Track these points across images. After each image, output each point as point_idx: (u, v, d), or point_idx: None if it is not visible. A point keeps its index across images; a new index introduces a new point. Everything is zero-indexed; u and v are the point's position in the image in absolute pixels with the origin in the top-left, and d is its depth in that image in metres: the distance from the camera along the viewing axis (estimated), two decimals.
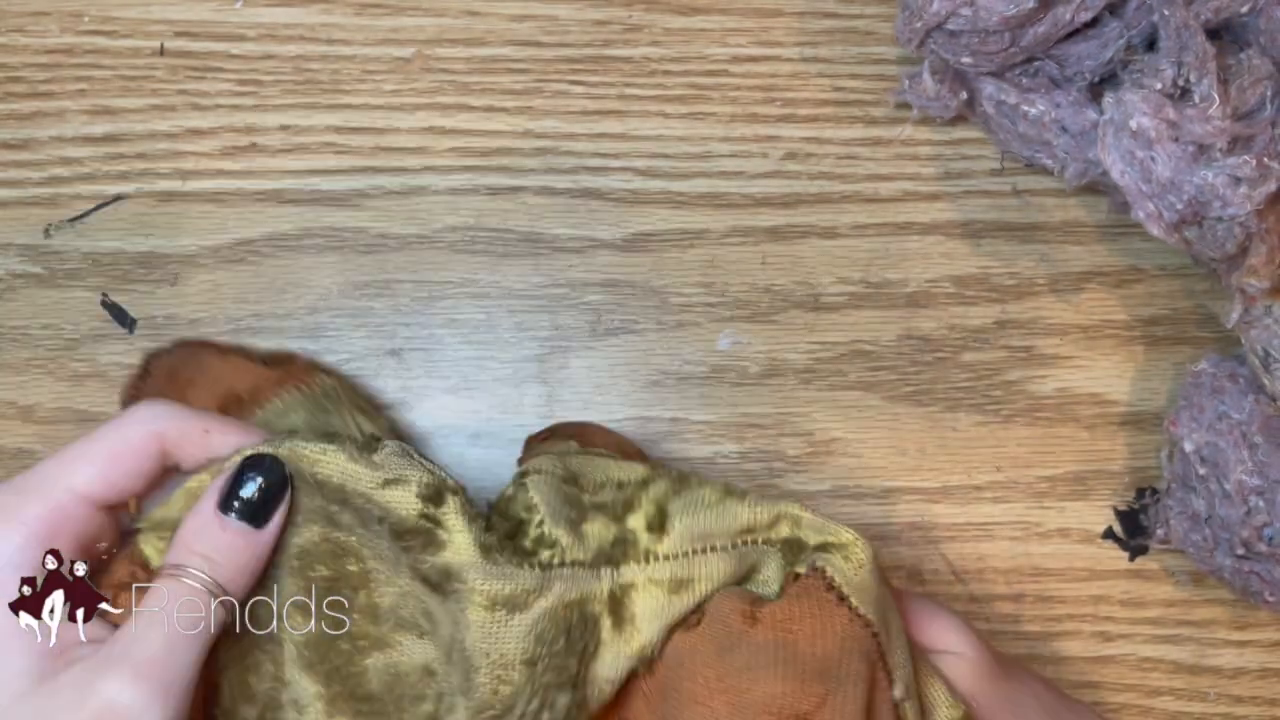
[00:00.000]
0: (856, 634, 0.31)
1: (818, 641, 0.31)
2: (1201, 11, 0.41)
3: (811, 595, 0.31)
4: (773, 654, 0.31)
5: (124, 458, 0.31)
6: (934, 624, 0.36)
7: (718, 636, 0.32)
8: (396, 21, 0.47)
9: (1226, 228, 0.40)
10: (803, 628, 0.31)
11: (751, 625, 0.31)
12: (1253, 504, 0.41)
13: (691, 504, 0.34)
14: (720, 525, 0.33)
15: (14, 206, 0.46)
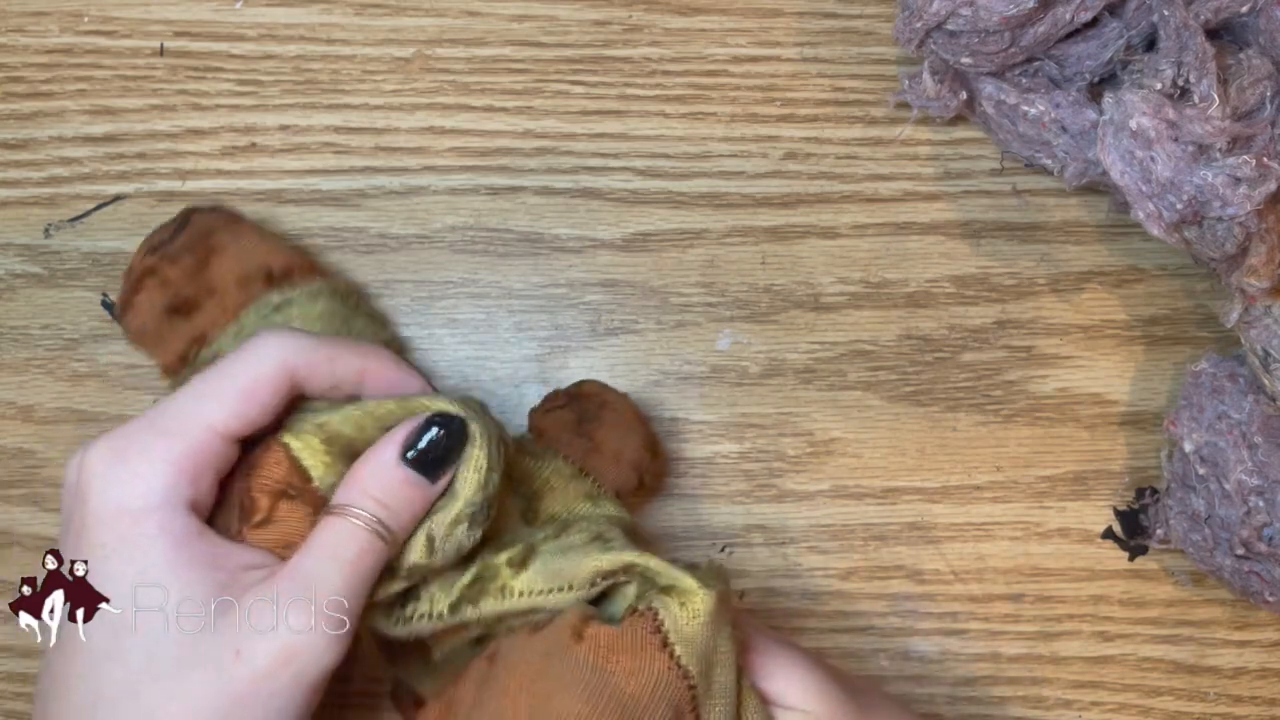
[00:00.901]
0: (671, 682, 0.31)
1: (631, 679, 0.31)
2: (1201, 11, 0.41)
3: (637, 633, 0.31)
4: (586, 676, 0.31)
5: (257, 393, 0.32)
6: (781, 677, 0.34)
7: (547, 641, 0.32)
8: (396, 21, 0.47)
9: (1226, 228, 0.40)
10: (621, 661, 0.31)
11: (577, 642, 0.31)
12: (1252, 504, 0.41)
13: (561, 546, 0.34)
14: (575, 569, 0.33)
15: (14, 206, 0.46)
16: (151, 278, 0.39)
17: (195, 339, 0.39)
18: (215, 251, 0.40)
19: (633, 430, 0.41)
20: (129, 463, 0.30)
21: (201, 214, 0.41)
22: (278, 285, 0.40)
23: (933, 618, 0.45)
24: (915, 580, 0.45)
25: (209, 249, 0.40)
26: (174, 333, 0.39)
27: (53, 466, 0.45)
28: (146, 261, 0.40)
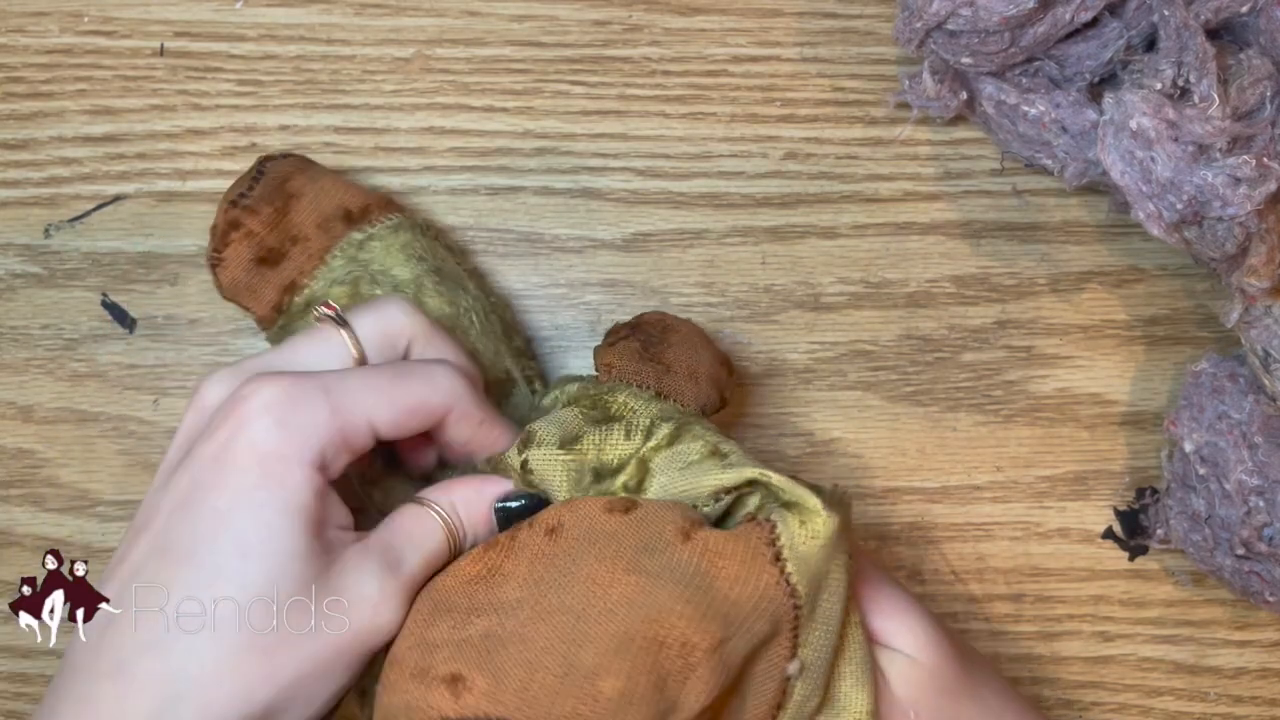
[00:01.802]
0: (776, 597, 0.30)
1: (736, 586, 0.30)
2: (1201, 11, 0.41)
3: (750, 541, 0.31)
4: (689, 576, 0.30)
5: (418, 416, 0.33)
6: (895, 619, 0.34)
7: (645, 536, 0.31)
8: (396, 21, 0.47)
9: (1226, 228, 0.40)
10: (728, 566, 0.30)
11: (683, 541, 0.31)
12: (1253, 504, 0.41)
13: (674, 460, 0.34)
14: (694, 486, 0.33)
15: (14, 206, 0.46)
16: (236, 231, 0.40)
17: (286, 287, 0.40)
18: (293, 198, 0.40)
19: (703, 347, 0.39)
20: (299, 414, 0.31)
21: (275, 162, 0.41)
22: (357, 224, 0.40)
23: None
24: (915, 580, 0.45)
25: (287, 196, 0.40)
26: (265, 283, 0.40)
27: (52, 466, 0.45)
28: (229, 215, 0.40)
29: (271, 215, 0.40)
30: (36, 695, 0.44)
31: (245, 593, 0.29)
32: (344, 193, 0.41)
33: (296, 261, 0.40)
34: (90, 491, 0.45)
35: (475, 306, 0.41)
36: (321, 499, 0.31)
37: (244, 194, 0.40)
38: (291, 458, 0.30)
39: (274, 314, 0.40)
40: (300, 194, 0.40)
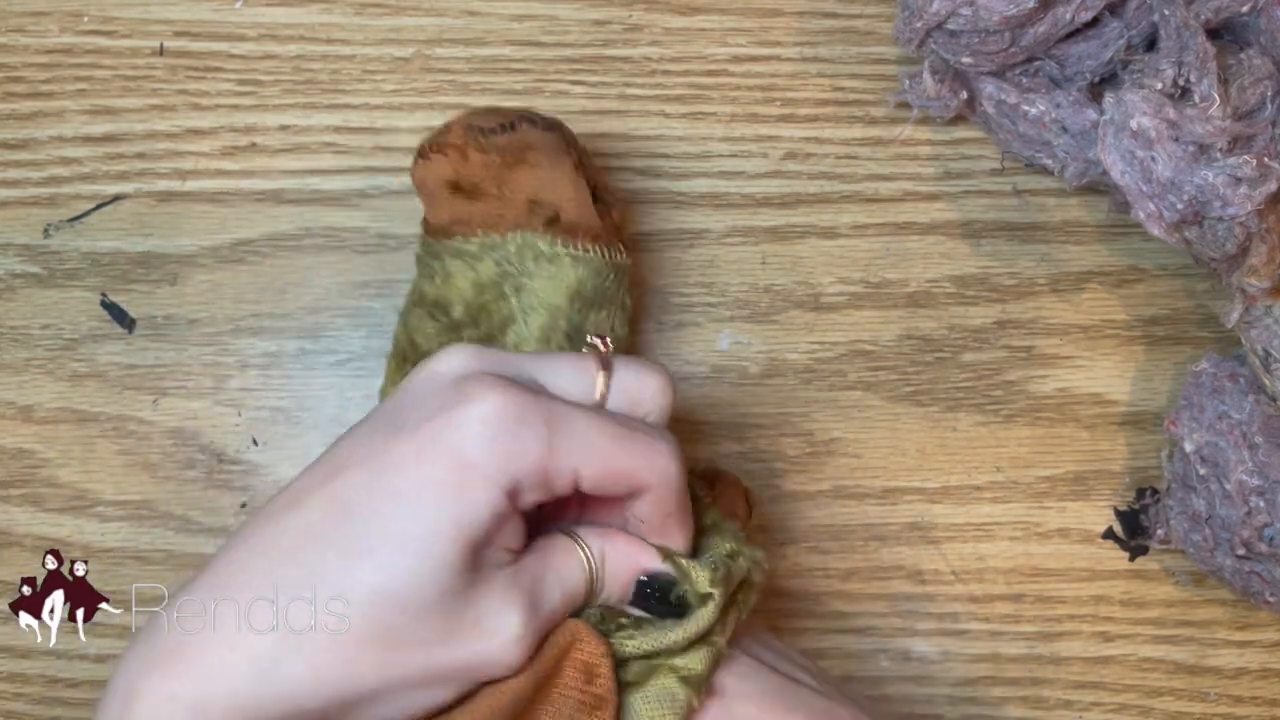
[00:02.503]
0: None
1: None
2: (1202, 11, 0.41)
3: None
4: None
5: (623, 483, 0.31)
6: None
7: None
8: (396, 21, 0.47)
9: (1227, 228, 0.40)
10: None
11: None
12: (1253, 504, 0.41)
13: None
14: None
15: (14, 206, 0.46)
16: (455, 151, 0.39)
17: (461, 220, 0.39)
18: (525, 165, 0.39)
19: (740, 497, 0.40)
20: (515, 439, 0.29)
21: (535, 128, 0.39)
22: (556, 231, 0.39)
23: (933, 618, 0.45)
24: (915, 581, 0.45)
25: (520, 160, 0.39)
26: (446, 203, 0.39)
27: (52, 466, 0.45)
28: (463, 135, 0.39)
29: (496, 165, 0.39)
30: (36, 695, 0.44)
31: (386, 582, 0.29)
32: (569, 197, 0.39)
33: (484, 211, 0.39)
34: (90, 491, 0.45)
35: None
36: (499, 523, 0.30)
37: (490, 130, 0.39)
38: (491, 478, 0.29)
39: (439, 233, 0.40)
40: (534, 167, 0.39)
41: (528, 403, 0.30)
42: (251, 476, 0.45)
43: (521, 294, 0.39)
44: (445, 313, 0.39)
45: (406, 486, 0.29)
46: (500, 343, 0.39)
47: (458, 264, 0.39)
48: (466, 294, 0.39)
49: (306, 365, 0.46)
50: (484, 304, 0.39)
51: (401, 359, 0.40)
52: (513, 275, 0.39)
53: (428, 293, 0.40)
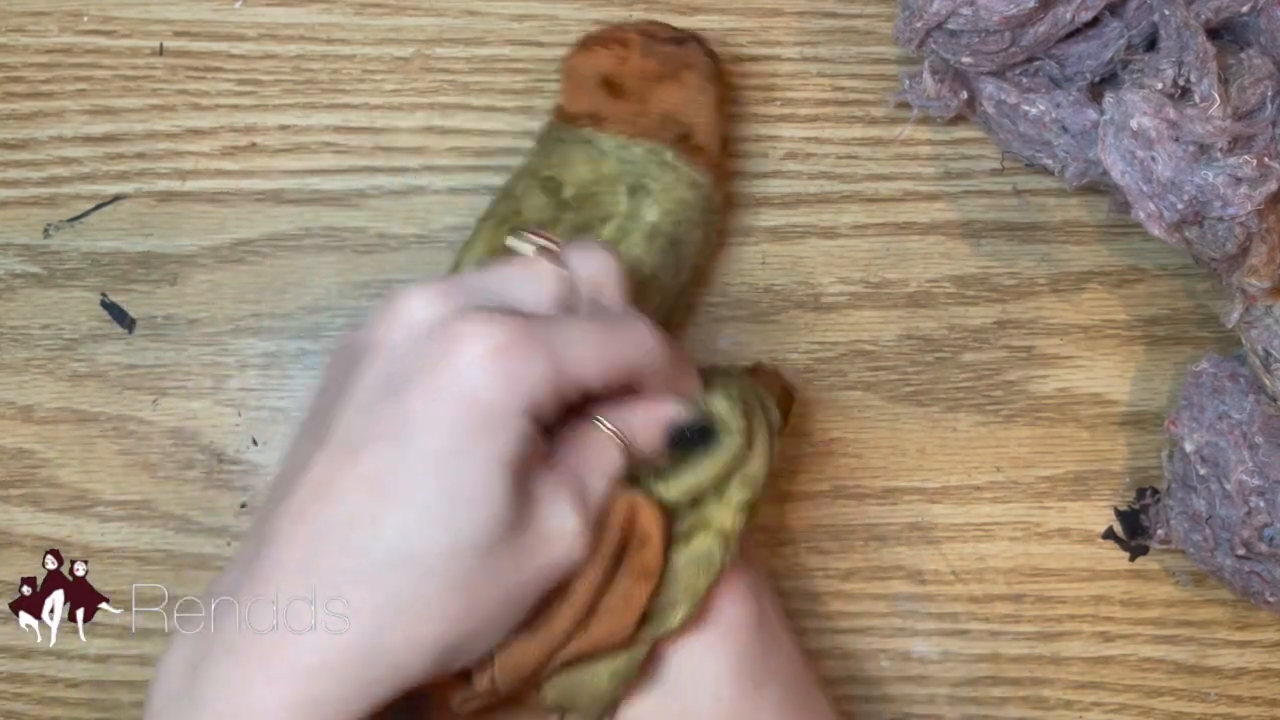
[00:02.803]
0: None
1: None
2: (1202, 11, 0.41)
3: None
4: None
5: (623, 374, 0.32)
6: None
7: None
8: (396, 21, 0.47)
9: (1227, 228, 0.40)
10: None
11: None
12: (1253, 504, 0.41)
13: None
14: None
15: (14, 206, 0.46)
16: (621, 48, 0.41)
17: (597, 114, 0.41)
18: (676, 82, 0.41)
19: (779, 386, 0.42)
20: (521, 367, 0.30)
21: (700, 50, 0.42)
22: (683, 149, 0.41)
23: (933, 618, 0.45)
24: (915, 580, 0.45)
25: (674, 76, 0.41)
26: (590, 95, 0.41)
27: (52, 466, 0.45)
28: (632, 38, 0.41)
29: (651, 71, 0.41)
30: (37, 695, 0.44)
31: (454, 538, 0.29)
32: (705, 120, 0.42)
33: (622, 112, 0.41)
34: (90, 491, 0.45)
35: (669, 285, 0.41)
36: (531, 444, 0.30)
37: (659, 40, 0.41)
38: (511, 409, 0.30)
39: (574, 117, 0.41)
40: (683, 86, 0.41)
41: (516, 328, 0.30)
42: (251, 476, 0.45)
43: (634, 196, 0.40)
44: (557, 191, 0.41)
45: (437, 445, 0.29)
46: (597, 232, 0.40)
47: (581, 151, 0.41)
48: (583, 179, 0.41)
49: (306, 365, 0.46)
50: (595, 193, 0.41)
51: (500, 221, 0.41)
52: (631, 175, 0.41)
53: (543, 169, 0.41)
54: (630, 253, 0.40)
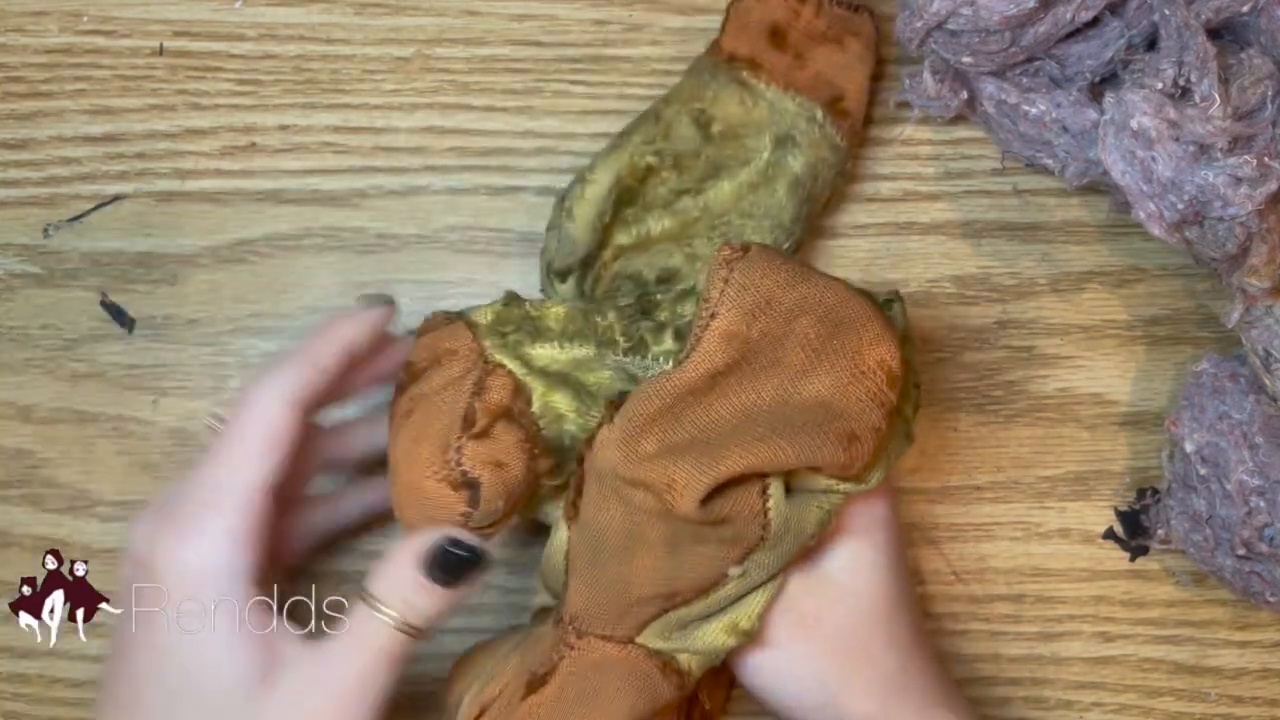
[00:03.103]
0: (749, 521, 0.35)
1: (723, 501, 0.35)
2: (1202, 11, 0.41)
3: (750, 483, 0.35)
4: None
5: (279, 442, 0.34)
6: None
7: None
8: (396, 21, 0.47)
9: (1227, 228, 0.40)
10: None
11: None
12: (1253, 504, 0.41)
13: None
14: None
15: (13, 206, 0.46)
16: (799, 2, 0.42)
17: (755, 60, 0.42)
18: (837, 45, 0.43)
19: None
20: (188, 539, 0.32)
21: (869, 21, 0.44)
22: (833, 111, 0.42)
23: (933, 618, 0.45)
24: (915, 580, 0.45)
25: (837, 39, 0.43)
26: (753, 40, 0.42)
27: (52, 466, 0.45)
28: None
29: (816, 30, 0.42)
30: (36, 695, 0.44)
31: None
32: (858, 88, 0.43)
33: (778, 63, 0.42)
34: (90, 491, 0.45)
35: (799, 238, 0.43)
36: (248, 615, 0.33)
37: (836, 2, 0.43)
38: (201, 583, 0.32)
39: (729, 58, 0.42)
40: (844, 50, 0.43)
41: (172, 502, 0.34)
42: None
43: (780, 146, 0.41)
44: (707, 124, 0.42)
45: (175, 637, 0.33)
46: (733, 173, 0.41)
47: (734, 91, 0.42)
48: (733, 118, 0.42)
49: None
50: (742, 135, 0.42)
51: (646, 140, 0.42)
52: (780, 126, 0.41)
53: (694, 100, 0.42)
54: (773, 198, 0.41)
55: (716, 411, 0.34)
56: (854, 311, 0.35)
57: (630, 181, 0.41)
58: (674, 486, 0.33)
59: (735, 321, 0.34)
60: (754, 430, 0.34)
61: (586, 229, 0.41)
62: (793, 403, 0.34)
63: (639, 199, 0.41)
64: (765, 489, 0.35)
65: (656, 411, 0.34)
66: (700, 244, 0.41)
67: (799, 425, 0.34)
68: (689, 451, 0.34)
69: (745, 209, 0.41)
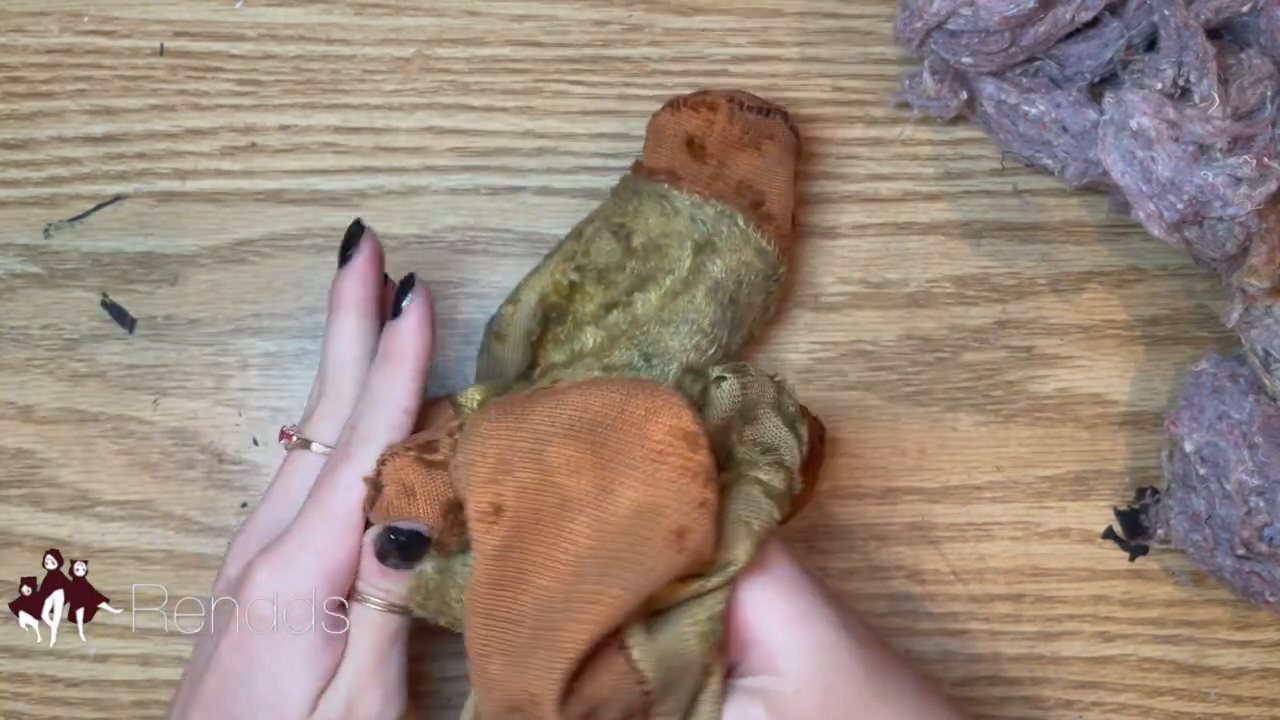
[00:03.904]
0: (625, 685, 0.32)
1: (588, 682, 0.32)
2: (1202, 11, 0.41)
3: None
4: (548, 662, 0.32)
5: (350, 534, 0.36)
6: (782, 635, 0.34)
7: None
8: (396, 21, 0.47)
9: (1227, 228, 0.40)
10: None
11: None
12: (1253, 504, 0.41)
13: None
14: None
15: (14, 206, 0.46)
16: (709, 111, 0.42)
17: (675, 172, 0.42)
18: (755, 150, 0.42)
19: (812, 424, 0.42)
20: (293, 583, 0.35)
21: (783, 124, 0.43)
22: (755, 216, 0.42)
23: (933, 618, 0.45)
24: (915, 580, 0.45)
25: (754, 145, 0.42)
26: (672, 153, 0.42)
27: (52, 466, 0.45)
28: (721, 103, 0.42)
29: (731, 138, 0.42)
30: (37, 695, 0.44)
31: None
32: (780, 191, 0.42)
33: (700, 175, 0.42)
34: (90, 491, 0.45)
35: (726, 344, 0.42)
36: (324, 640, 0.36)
37: (746, 108, 0.43)
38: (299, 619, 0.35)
39: (651, 171, 0.42)
40: (763, 155, 0.42)
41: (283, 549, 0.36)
42: (251, 476, 0.45)
43: (700, 253, 0.41)
44: (627, 238, 0.42)
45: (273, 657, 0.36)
46: (659, 283, 0.41)
47: (655, 205, 0.42)
48: (652, 230, 0.42)
49: (306, 365, 0.46)
50: (663, 245, 0.41)
51: (566, 258, 0.42)
52: (700, 233, 0.41)
53: (615, 216, 0.42)
54: (691, 304, 0.41)
55: (538, 588, 0.32)
56: (601, 404, 0.33)
57: (556, 299, 0.41)
58: (538, 700, 0.31)
59: (482, 497, 0.33)
60: (584, 588, 0.31)
61: (515, 349, 0.41)
62: (611, 528, 0.31)
63: (569, 316, 0.42)
64: (623, 642, 0.32)
65: (484, 623, 0.32)
66: (619, 354, 0.41)
67: (624, 554, 0.31)
68: (535, 650, 0.31)
69: (664, 317, 0.41)
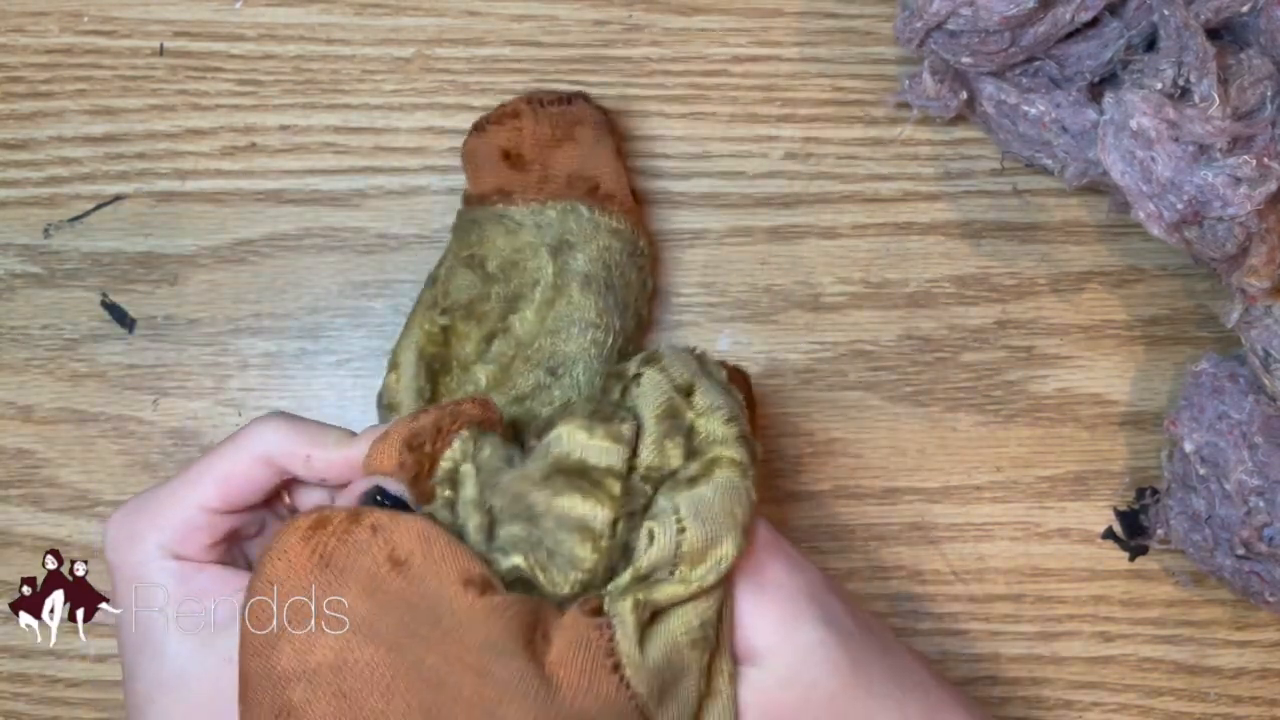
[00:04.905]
0: (619, 702, 0.31)
1: (580, 696, 0.31)
2: (1201, 11, 0.41)
3: (590, 651, 0.31)
4: (534, 690, 0.30)
5: (234, 481, 0.35)
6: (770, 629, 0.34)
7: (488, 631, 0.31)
8: (396, 21, 0.47)
9: (1227, 228, 0.40)
10: (569, 676, 0.31)
11: (525, 648, 0.31)
12: (1253, 504, 0.41)
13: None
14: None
15: (14, 206, 0.46)
16: (513, 120, 0.42)
17: (504, 189, 0.42)
18: (571, 141, 0.42)
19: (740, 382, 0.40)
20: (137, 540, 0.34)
21: (587, 106, 0.43)
22: (595, 200, 0.42)
23: (933, 618, 0.45)
24: (915, 580, 0.45)
25: (568, 136, 0.42)
26: (493, 172, 0.42)
27: (52, 466, 0.45)
28: (522, 108, 0.42)
29: (546, 137, 0.42)
30: (37, 695, 0.44)
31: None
32: (609, 171, 0.42)
33: (527, 182, 0.42)
34: (90, 491, 0.45)
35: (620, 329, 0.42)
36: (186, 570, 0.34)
37: (546, 104, 0.42)
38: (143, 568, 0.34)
39: (480, 201, 0.42)
40: (579, 143, 0.42)
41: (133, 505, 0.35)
42: None
43: (559, 255, 0.41)
44: (481, 265, 0.41)
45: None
46: (529, 298, 0.41)
47: (497, 227, 0.42)
48: (503, 251, 0.41)
49: (306, 365, 0.46)
50: (518, 261, 0.41)
51: (429, 306, 0.42)
52: (550, 236, 0.41)
53: (463, 250, 0.42)
54: (570, 304, 0.41)
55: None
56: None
57: (434, 349, 0.41)
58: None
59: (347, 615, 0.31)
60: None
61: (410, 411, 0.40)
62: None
63: (453, 362, 0.41)
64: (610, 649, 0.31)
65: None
66: (521, 381, 0.40)
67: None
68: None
69: (550, 327, 0.40)
